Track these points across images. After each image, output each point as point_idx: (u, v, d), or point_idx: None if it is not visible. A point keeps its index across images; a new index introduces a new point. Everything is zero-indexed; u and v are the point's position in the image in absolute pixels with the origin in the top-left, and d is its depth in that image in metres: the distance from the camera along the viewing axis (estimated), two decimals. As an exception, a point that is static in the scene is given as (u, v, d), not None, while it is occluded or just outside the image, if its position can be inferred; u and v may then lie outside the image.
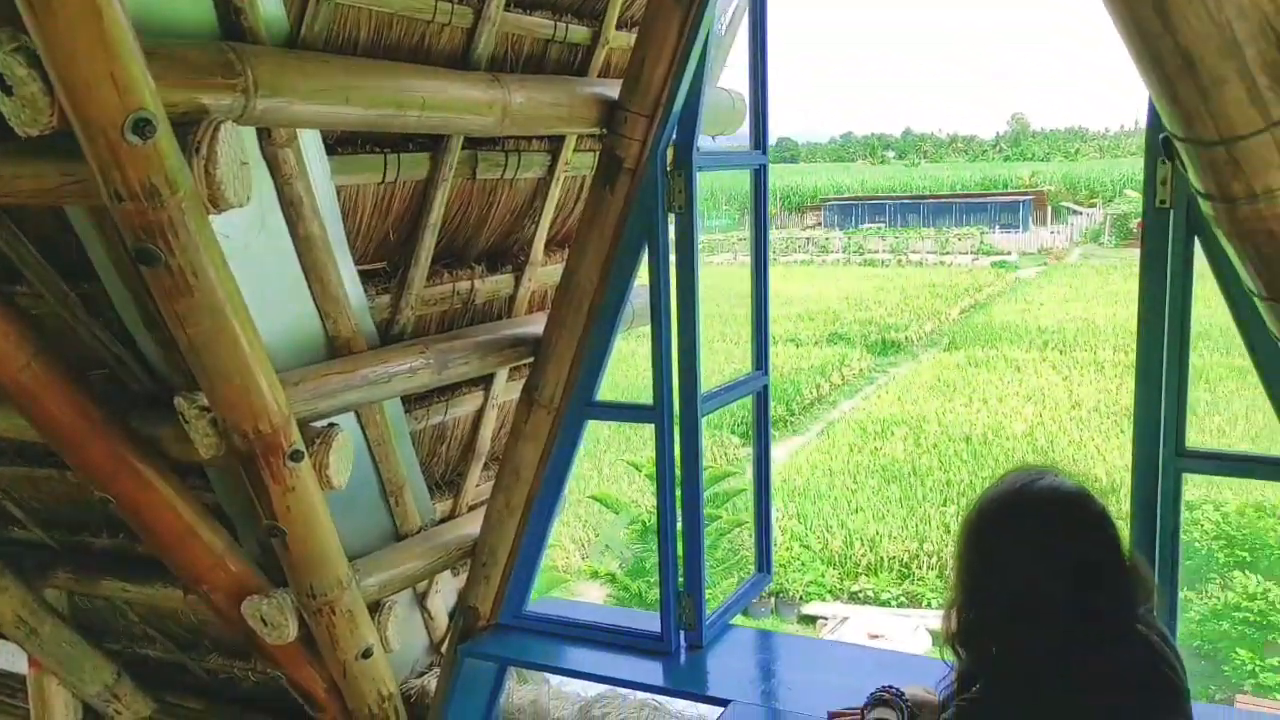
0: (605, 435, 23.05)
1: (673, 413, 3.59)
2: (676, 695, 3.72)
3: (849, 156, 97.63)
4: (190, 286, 2.57)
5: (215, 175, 2.44)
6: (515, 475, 3.79)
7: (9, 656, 5.12)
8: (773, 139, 5.50)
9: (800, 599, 17.97)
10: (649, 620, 3.83)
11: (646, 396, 3.60)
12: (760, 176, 3.94)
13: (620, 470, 20.94)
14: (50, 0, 2.11)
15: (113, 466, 3.21)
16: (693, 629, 3.72)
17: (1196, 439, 2.92)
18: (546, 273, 4.30)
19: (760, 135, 3.94)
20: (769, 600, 17.72)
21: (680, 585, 3.71)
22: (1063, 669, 1.97)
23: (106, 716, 4.62)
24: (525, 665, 4.07)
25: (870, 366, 32.28)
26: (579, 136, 4.10)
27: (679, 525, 3.67)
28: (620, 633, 3.85)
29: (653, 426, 3.61)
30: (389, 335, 3.67)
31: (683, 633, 3.73)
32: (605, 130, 3.58)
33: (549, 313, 3.78)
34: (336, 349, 3.39)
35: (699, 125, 3.45)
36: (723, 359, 23.00)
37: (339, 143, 3.31)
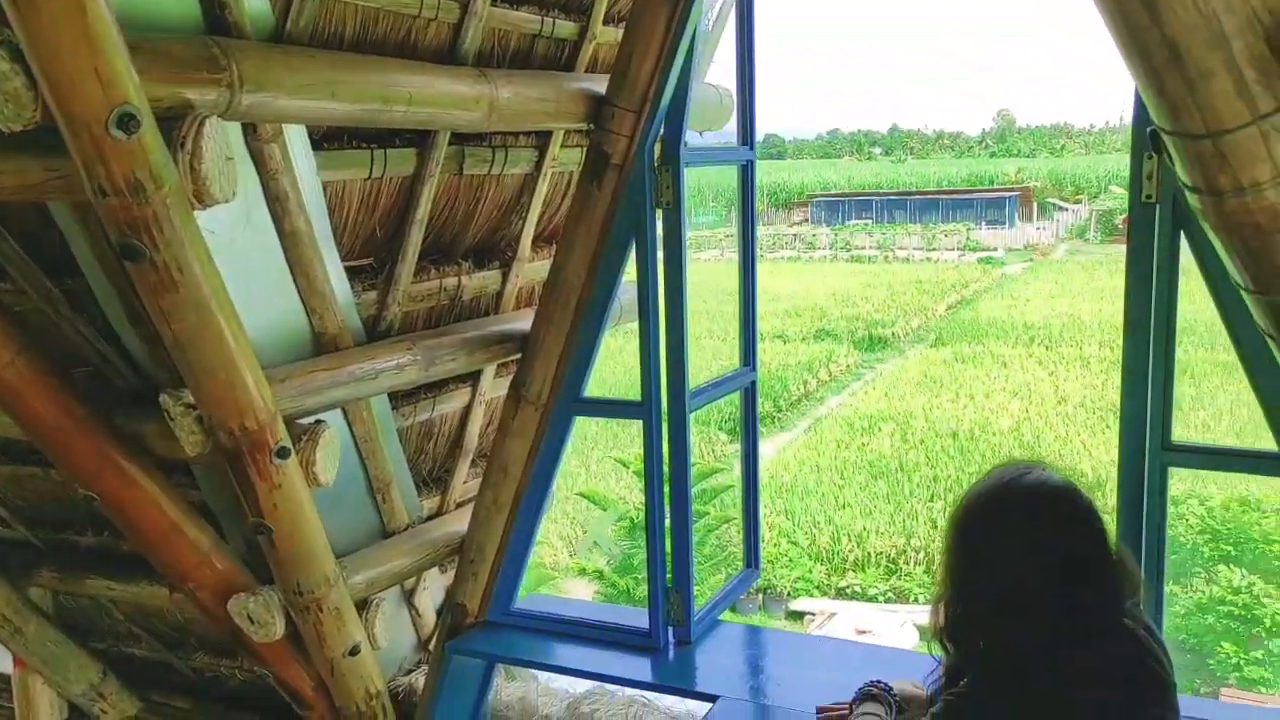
0: (593, 432, 23.11)
1: (661, 409, 3.59)
2: (665, 691, 3.72)
3: (836, 153, 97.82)
4: (175, 282, 2.56)
5: (200, 170, 2.43)
6: (503, 472, 3.78)
7: (-7, 656, 5.09)
8: (760, 135, 5.50)
9: (788, 595, 18.04)
10: (637, 616, 3.83)
11: (634, 393, 3.60)
12: (748, 172, 3.94)
13: (608, 467, 20.98)
14: (34, -5, 2.09)
15: (97, 464, 3.19)
16: (681, 625, 3.72)
17: (1182, 434, 2.93)
18: (534, 269, 4.30)
19: (748, 131, 3.94)
20: (757, 596, 17.78)
21: (668, 581, 3.71)
22: (1050, 663, 1.98)
23: (92, 716, 4.59)
24: (513, 662, 4.07)
25: (857, 363, 32.39)
26: (566, 132, 4.10)
27: (667, 522, 3.67)
28: (608, 629, 3.85)
29: (641, 423, 3.61)
30: (376, 332, 3.66)
31: (671, 629, 3.74)
32: (592, 126, 3.58)
33: (537, 309, 3.78)
34: (323, 345, 3.38)
35: (686, 121, 3.44)
36: (710, 355, 23.03)
37: (325, 138, 3.30)
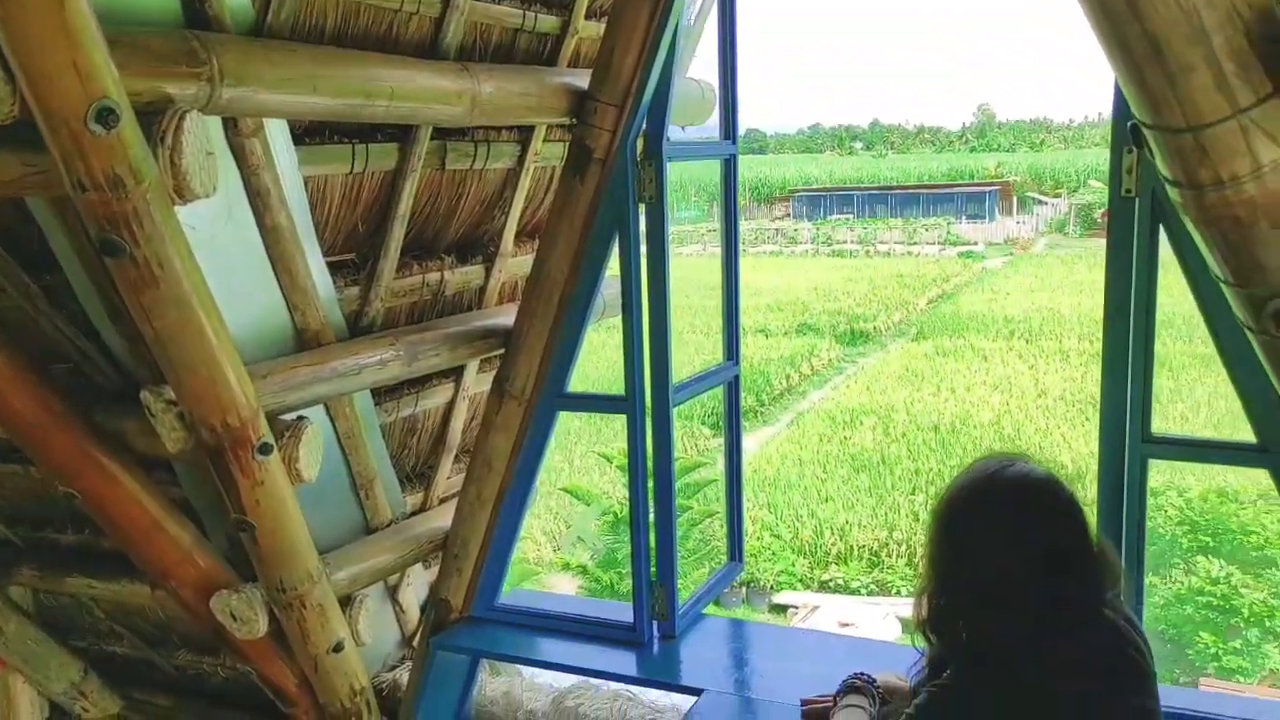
0: (576, 427, 23.06)
1: (644, 403, 3.59)
2: (649, 685, 3.72)
3: (817, 148, 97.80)
4: (156, 278, 2.54)
5: (181, 165, 2.42)
6: (487, 467, 3.78)
7: (-27, 655, 5.04)
8: (742, 130, 5.50)
9: (771, 588, 18.09)
10: (621, 611, 3.84)
11: (618, 387, 3.60)
12: (730, 166, 3.94)
13: (591, 462, 20.95)
14: (10, -12, 2.08)
15: (77, 461, 3.17)
16: (665, 619, 3.73)
17: (1161, 425, 2.95)
18: (517, 264, 4.29)
19: (730, 125, 3.94)
20: (740, 590, 17.81)
21: (653, 576, 3.72)
22: (1033, 654, 1.99)
23: (74, 714, 4.57)
24: (498, 657, 4.07)
25: (839, 357, 32.46)
26: (548, 127, 4.09)
27: (651, 516, 3.67)
28: (593, 623, 3.85)
29: (624, 417, 3.61)
30: (358, 327, 3.65)
31: (655, 623, 3.74)
32: (575, 120, 3.57)
33: (520, 304, 3.77)
34: (305, 341, 3.37)
35: (669, 115, 3.44)
36: (693, 350, 23.06)
37: (306, 133, 3.29)
